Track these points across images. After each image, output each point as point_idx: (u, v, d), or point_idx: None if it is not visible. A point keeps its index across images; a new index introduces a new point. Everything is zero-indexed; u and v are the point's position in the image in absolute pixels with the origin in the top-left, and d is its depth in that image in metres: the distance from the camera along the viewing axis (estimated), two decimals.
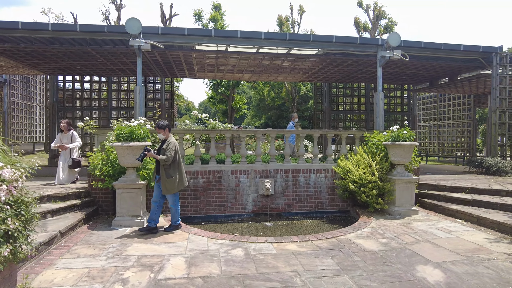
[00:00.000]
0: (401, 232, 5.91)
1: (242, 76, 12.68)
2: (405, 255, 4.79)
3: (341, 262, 4.54)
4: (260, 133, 7.79)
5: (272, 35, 9.18)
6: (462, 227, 6.17)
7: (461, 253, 4.81)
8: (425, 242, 5.33)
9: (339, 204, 8.00)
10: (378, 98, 9.64)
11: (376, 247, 5.15)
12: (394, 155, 7.10)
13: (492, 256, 4.71)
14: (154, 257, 4.72)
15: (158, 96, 13.55)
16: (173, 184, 5.76)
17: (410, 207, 7.06)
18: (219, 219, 7.55)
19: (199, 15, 14.87)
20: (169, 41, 9.01)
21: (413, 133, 7.15)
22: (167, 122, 5.94)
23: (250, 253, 4.91)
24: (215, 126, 7.90)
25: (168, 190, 5.80)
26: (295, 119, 10.85)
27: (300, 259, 4.67)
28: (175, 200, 6.00)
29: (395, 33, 9.21)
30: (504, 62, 10.03)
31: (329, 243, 5.36)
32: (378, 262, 4.53)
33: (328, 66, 11.12)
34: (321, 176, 7.93)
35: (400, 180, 7.01)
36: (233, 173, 7.55)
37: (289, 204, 7.80)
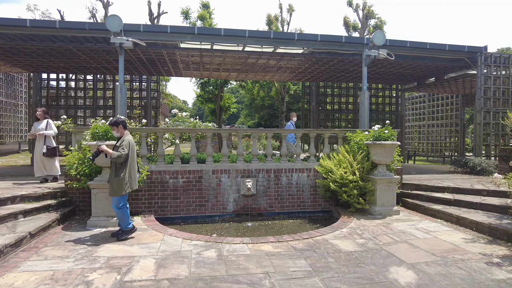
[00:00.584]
0: (379, 232, 5.86)
1: (229, 75, 12.57)
2: (380, 256, 4.73)
3: (314, 263, 4.46)
4: (242, 132, 7.69)
5: (256, 33, 9.09)
6: (441, 227, 6.13)
7: (437, 254, 4.76)
8: (402, 243, 5.27)
9: (322, 204, 7.94)
10: (363, 98, 9.60)
11: (352, 247, 5.08)
12: (375, 155, 7.05)
13: (467, 256, 4.66)
14: (124, 259, 4.60)
15: (144, 95, 13.39)
16: (120, 184, 5.23)
17: (391, 207, 7.02)
18: (199, 220, 7.44)
19: (187, 13, 14.72)
20: (151, 39, 8.88)
21: (394, 133, 7.10)
22: (122, 119, 5.57)
23: (223, 254, 4.81)
24: (195, 125, 7.78)
25: (115, 192, 5.26)
26: (294, 118, 10.56)
27: (273, 260, 4.58)
28: (119, 202, 5.38)
29: (380, 32, 9.17)
30: (488, 62, 10.04)
31: (305, 243, 5.28)
32: (351, 263, 4.46)
33: (314, 65, 11.05)
34: (304, 175, 7.86)
35: (381, 180, 6.96)
36: (214, 173, 7.44)
37: (271, 204, 7.71)
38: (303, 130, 8.08)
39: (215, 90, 14.84)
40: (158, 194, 7.29)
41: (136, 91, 13.31)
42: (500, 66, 10.09)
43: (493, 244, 5.21)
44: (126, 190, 5.31)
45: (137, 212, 7.20)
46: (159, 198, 7.29)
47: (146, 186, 7.24)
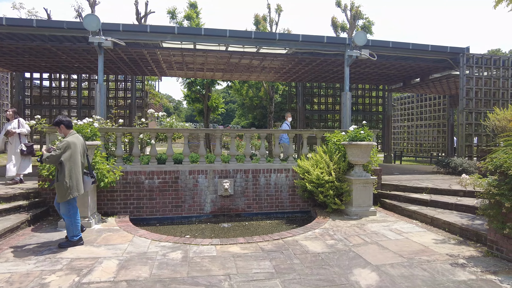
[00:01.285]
0: (352, 233, 5.83)
1: (214, 74, 12.51)
2: (347, 257, 4.69)
3: (278, 265, 4.42)
4: (219, 133, 7.64)
5: (238, 33, 9.04)
6: (415, 228, 6.11)
7: (404, 255, 4.73)
8: (372, 244, 5.24)
9: (300, 204, 7.90)
10: (345, 98, 9.58)
11: (320, 249, 5.04)
12: (352, 155, 7.02)
13: (434, 257, 4.64)
14: (87, 260, 4.54)
15: (131, 95, 13.30)
16: (61, 189, 4.83)
17: (368, 208, 6.99)
18: (176, 221, 7.38)
19: (173, 13, 14.62)
20: (131, 39, 8.82)
21: (371, 133, 7.08)
22: (63, 119, 5.19)
23: (189, 255, 4.75)
24: (172, 125, 7.72)
25: (59, 197, 4.89)
26: (289, 119, 10.21)
27: (237, 261, 4.53)
28: (68, 209, 5.00)
29: (361, 32, 9.15)
30: (470, 63, 10.06)
31: (274, 244, 5.24)
32: (316, 265, 4.42)
33: (297, 66, 11.02)
34: (282, 176, 7.82)
35: (357, 180, 6.93)
36: (190, 173, 7.39)
37: (249, 204, 7.67)
38: (281, 130, 8.04)
39: (202, 90, 14.77)
40: (134, 195, 7.22)
41: (121, 91, 13.21)
42: (482, 67, 10.11)
43: (462, 245, 5.20)
44: (68, 196, 4.85)
45: (112, 213, 7.13)
46: (134, 199, 7.22)
47: (122, 186, 7.16)
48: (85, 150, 5.29)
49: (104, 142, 7.28)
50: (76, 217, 5.11)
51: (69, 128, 5.19)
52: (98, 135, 6.28)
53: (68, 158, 4.86)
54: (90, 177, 5.35)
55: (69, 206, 5.02)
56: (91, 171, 5.38)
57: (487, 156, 4.83)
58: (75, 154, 4.96)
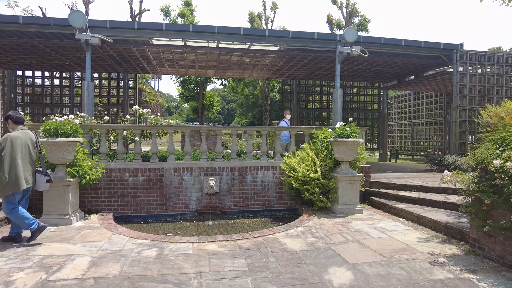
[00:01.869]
0: (335, 231, 5.71)
1: (206, 72, 12.42)
2: (325, 256, 4.58)
3: (253, 263, 4.32)
4: (204, 130, 7.55)
5: (227, 29, 8.94)
6: (401, 227, 5.99)
7: (384, 254, 4.61)
8: (354, 242, 5.13)
9: (287, 202, 7.80)
10: (336, 95, 9.48)
11: (299, 247, 4.94)
12: (338, 152, 6.90)
13: (414, 256, 4.52)
14: (60, 257, 4.46)
15: (125, 93, 13.24)
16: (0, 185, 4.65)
17: (354, 206, 6.88)
18: (160, 219, 7.30)
19: (167, 10, 14.55)
20: (119, 35, 8.76)
21: (357, 130, 6.97)
22: (14, 114, 5.05)
23: (164, 253, 4.67)
24: (157, 122, 7.64)
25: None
26: (288, 116, 10.19)
27: (212, 259, 4.44)
28: (7, 206, 4.80)
29: (352, 28, 9.03)
30: (464, 59, 9.90)
31: (253, 242, 5.14)
32: (292, 263, 4.32)
33: (289, 63, 10.91)
34: (269, 173, 7.72)
35: (343, 178, 6.81)
36: (175, 171, 7.30)
37: (235, 202, 7.57)
38: (269, 127, 7.94)
39: (197, 88, 14.69)
40: (118, 193, 7.15)
41: (114, 89, 13.16)
42: (476, 64, 9.95)
43: (446, 243, 5.08)
44: (6, 192, 4.67)
45: (96, 210, 7.06)
46: (118, 197, 7.15)
47: (106, 184, 7.10)
48: (35, 146, 5.10)
49: (89, 140, 7.22)
50: (17, 210, 4.87)
51: (17, 123, 5.04)
52: (79, 132, 6.20)
53: (9, 153, 4.70)
54: (44, 175, 5.16)
55: (8, 203, 4.81)
56: (44, 169, 5.18)
57: (470, 152, 4.71)
58: (16, 149, 4.77)
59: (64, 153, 5.98)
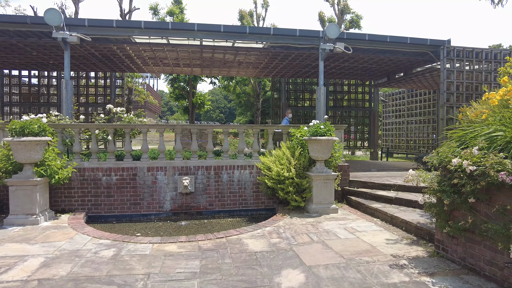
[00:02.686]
0: (303, 231, 5.59)
1: (192, 70, 12.32)
2: (284, 257, 4.46)
3: (206, 264, 4.22)
4: (179, 128, 7.45)
5: (206, 26, 8.83)
6: (372, 227, 5.84)
7: (346, 256, 4.47)
8: (318, 243, 5.00)
9: (265, 202, 7.68)
10: (319, 93, 9.32)
11: (260, 248, 4.82)
12: (312, 151, 6.77)
13: (376, 258, 4.38)
14: (13, 258, 4.40)
15: (112, 92, 13.20)
16: None
17: (329, 205, 6.74)
18: (134, 218, 7.22)
19: (155, 9, 14.46)
20: (98, 34, 8.68)
21: (332, 128, 6.82)
22: None
23: (120, 254, 4.59)
24: (131, 120, 7.56)
25: None
26: (289, 115, 10.68)
27: (167, 260, 4.35)
28: None
29: (333, 25, 8.87)
30: (451, 56, 9.67)
31: (215, 243, 5.04)
32: (246, 265, 4.20)
33: (273, 61, 10.76)
34: (246, 172, 7.61)
35: (318, 177, 6.68)
36: (149, 170, 7.22)
37: (211, 202, 7.47)
38: (245, 126, 7.82)
39: (187, 87, 14.61)
40: (92, 192, 7.09)
41: (101, 87, 13.11)
42: (464, 60, 9.71)
43: (413, 244, 4.93)
44: None
45: (70, 209, 7.01)
46: (92, 196, 7.09)
47: (79, 183, 7.04)
48: None
49: (63, 139, 7.16)
50: None
51: None
52: (47, 131, 6.14)
53: None
54: None
55: None
56: None
57: (435, 151, 4.55)
58: None
59: (31, 152, 5.91)
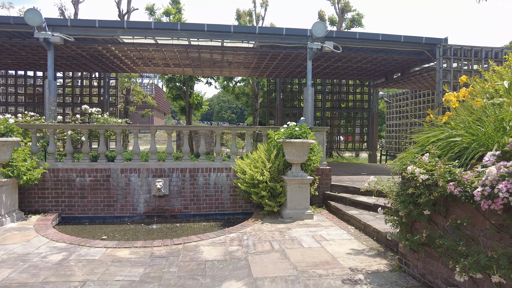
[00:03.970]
0: (267, 239, 5.32)
1: (183, 70, 12.21)
2: (233, 267, 4.22)
3: (149, 273, 4.03)
4: (154, 129, 7.31)
5: (189, 26, 8.68)
6: (343, 236, 5.52)
7: (300, 268, 4.18)
8: (277, 252, 4.72)
9: (242, 206, 7.45)
10: (307, 94, 9.02)
11: (214, 256, 4.60)
12: (288, 154, 6.48)
13: (331, 271, 4.07)
14: None
15: (105, 92, 13.22)
16: None
17: (304, 210, 6.44)
18: (108, 220, 7.12)
19: (152, 9, 14.46)
20: (81, 34, 8.67)
21: (308, 130, 6.53)
22: None
23: (68, 258, 4.46)
24: (106, 121, 7.48)
25: None
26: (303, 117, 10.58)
27: (111, 267, 4.18)
28: None
29: (320, 23, 8.55)
30: (448, 55, 9.16)
31: (170, 250, 4.84)
32: (190, 275, 3.99)
33: (263, 60, 10.50)
34: (223, 175, 7.39)
35: (292, 180, 6.39)
36: (122, 172, 7.11)
37: (186, 205, 7.29)
38: (223, 127, 7.60)
39: (183, 87, 14.52)
40: (65, 193, 7.03)
41: (96, 88, 13.17)
42: (462, 59, 9.18)
43: (379, 256, 4.59)
44: None
45: (43, 210, 6.97)
46: (66, 197, 7.03)
47: (53, 184, 7.00)
48: None
49: (38, 139, 7.15)
50: None
51: None
52: (16, 131, 6.11)
53: None
54: None
55: None
56: None
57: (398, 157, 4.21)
58: None
59: None
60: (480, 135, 3.27)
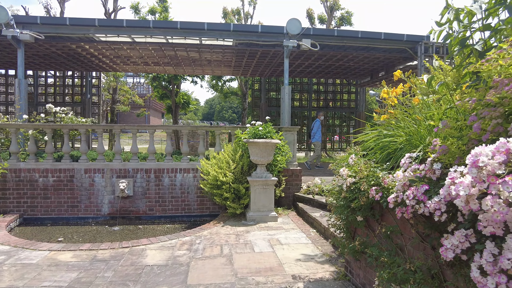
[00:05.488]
0: (221, 242, 5.13)
1: (164, 69, 12.05)
2: (171, 273, 4.03)
3: (81, 278, 3.86)
4: (118, 128, 7.15)
5: (162, 23, 8.55)
6: (301, 239, 5.31)
7: (240, 274, 3.98)
8: (223, 258, 4.53)
9: (210, 207, 7.26)
10: (283, 93, 8.80)
11: (156, 261, 4.42)
12: (252, 154, 6.28)
13: (272, 279, 3.87)
14: None
15: (87, 91, 13.07)
16: None
17: (268, 213, 6.24)
18: (71, 221, 6.99)
19: (136, 7, 14.29)
20: (52, 32, 8.55)
21: (273, 130, 6.33)
22: None
23: (5, 262, 4.31)
24: (72, 120, 7.33)
25: None
26: (321, 117, 10.98)
27: (45, 272, 4.02)
28: None
29: (294, 20, 8.33)
30: (430, 52, 8.89)
31: (114, 253, 4.68)
32: (123, 280, 3.81)
33: (242, 59, 10.29)
34: (189, 176, 7.21)
35: (255, 182, 6.19)
36: (86, 172, 6.96)
37: (151, 207, 7.13)
38: (190, 126, 7.43)
39: (169, 86, 14.36)
40: (28, 193, 6.90)
41: (78, 87, 13.05)
42: (444, 57, 8.90)
43: (328, 263, 4.38)
44: None
45: (5, 211, 6.84)
46: (28, 198, 6.90)
47: (15, 184, 6.87)
48: None
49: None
50: None
51: None
52: None
53: None
54: None
55: None
56: None
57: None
58: None
59: None
60: (414, 135, 3.06)
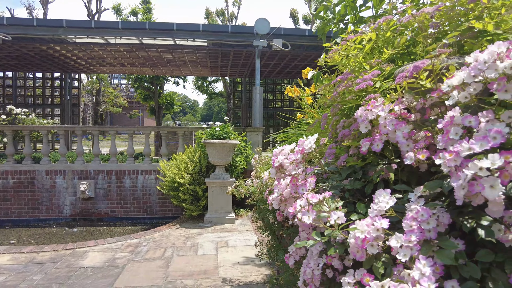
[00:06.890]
0: (167, 245, 5.07)
1: (141, 70, 12.03)
2: (102, 275, 3.98)
3: (8, 281, 3.81)
4: (79, 130, 7.12)
5: (132, 24, 8.52)
6: (250, 242, 5.23)
7: (171, 277, 3.92)
8: (162, 260, 4.47)
9: (172, 210, 7.21)
10: (255, 93, 8.73)
11: (94, 263, 4.36)
12: (210, 155, 6.23)
13: (200, 282, 3.81)
14: None
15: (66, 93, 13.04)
16: None
17: (225, 214, 6.18)
18: (32, 223, 6.96)
19: (118, 8, 14.31)
20: (20, 33, 8.53)
21: (231, 131, 6.27)
22: None
23: None
24: (34, 121, 7.31)
25: None
26: None
27: None
28: None
29: (263, 19, 8.28)
30: None
31: (55, 255, 4.63)
32: (48, 283, 3.75)
33: (216, 59, 10.25)
34: (151, 178, 7.17)
35: (213, 183, 6.13)
36: (47, 174, 6.93)
37: (112, 208, 7.08)
38: (150, 127, 7.38)
39: (152, 87, 14.35)
40: None
41: (58, 89, 13.06)
42: None
43: (266, 266, 4.30)
44: None
45: None
46: None
47: None
48: None
49: None
50: None
51: None
52: None
53: None
54: None
55: None
56: None
57: None
58: None
59: None
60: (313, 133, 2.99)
